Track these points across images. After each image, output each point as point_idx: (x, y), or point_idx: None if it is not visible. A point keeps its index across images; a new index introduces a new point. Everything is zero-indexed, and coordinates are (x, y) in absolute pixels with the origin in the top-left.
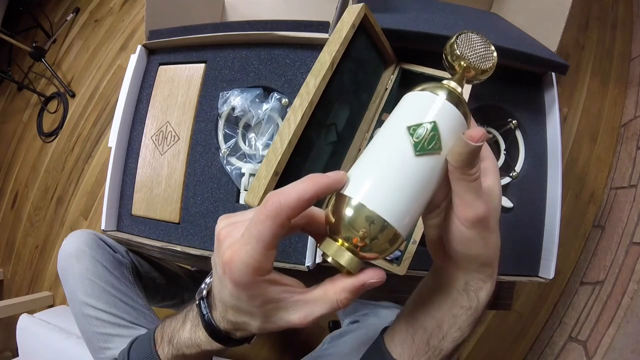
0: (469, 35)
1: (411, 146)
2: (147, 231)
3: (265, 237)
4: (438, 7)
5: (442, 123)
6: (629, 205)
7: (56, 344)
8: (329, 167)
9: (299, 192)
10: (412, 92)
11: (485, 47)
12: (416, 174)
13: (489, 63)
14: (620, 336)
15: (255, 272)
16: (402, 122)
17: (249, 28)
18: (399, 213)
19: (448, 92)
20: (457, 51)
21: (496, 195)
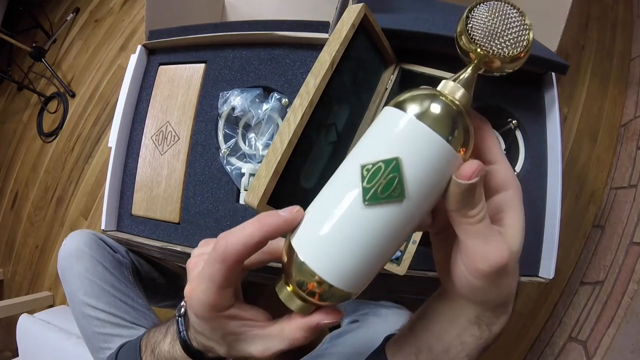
0: (492, 4)
1: (360, 193)
2: (147, 231)
3: (216, 279)
4: (438, 7)
5: (410, 159)
6: (629, 205)
7: (56, 344)
8: (329, 167)
9: (244, 238)
10: (386, 106)
11: (515, 21)
12: (368, 231)
13: (519, 46)
14: (620, 336)
15: (211, 309)
16: (358, 156)
17: (249, 28)
18: (347, 276)
19: (438, 106)
20: (472, 32)
21: (517, 235)
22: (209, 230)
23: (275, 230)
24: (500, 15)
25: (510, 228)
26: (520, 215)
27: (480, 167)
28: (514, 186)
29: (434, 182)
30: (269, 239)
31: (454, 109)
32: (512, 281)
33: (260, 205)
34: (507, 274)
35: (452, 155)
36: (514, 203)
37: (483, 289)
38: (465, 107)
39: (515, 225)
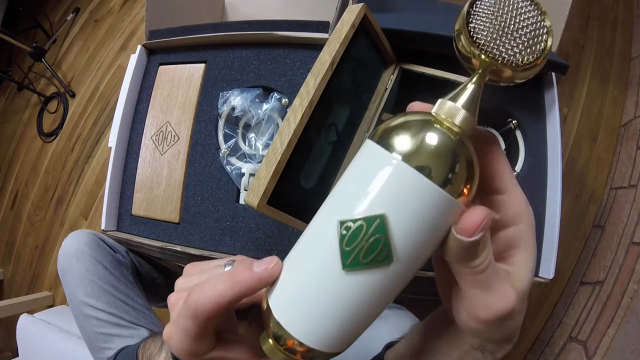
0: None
1: (339, 257)
2: (147, 231)
3: (189, 332)
4: (438, 6)
5: (398, 215)
6: (629, 205)
7: (56, 344)
8: (329, 167)
9: (215, 297)
10: (368, 140)
11: (531, 18)
12: (348, 299)
13: (535, 50)
14: (620, 336)
15: (189, 356)
16: (336, 207)
17: (249, 28)
18: (327, 340)
19: (432, 140)
20: (475, 33)
21: (526, 275)
22: (209, 230)
23: (249, 289)
24: (511, 10)
25: (519, 267)
26: (532, 252)
27: (486, 219)
28: (526, 219)
29: (428, 239)
30: (243, 297)
31: (452, 140)
32: (519, 319)
33: (260, 205)
34: (513, 317)
35: (451, 204)
36: (526, 239)
37: (485, 331)
38: (467, 133)
39: (525, 264)
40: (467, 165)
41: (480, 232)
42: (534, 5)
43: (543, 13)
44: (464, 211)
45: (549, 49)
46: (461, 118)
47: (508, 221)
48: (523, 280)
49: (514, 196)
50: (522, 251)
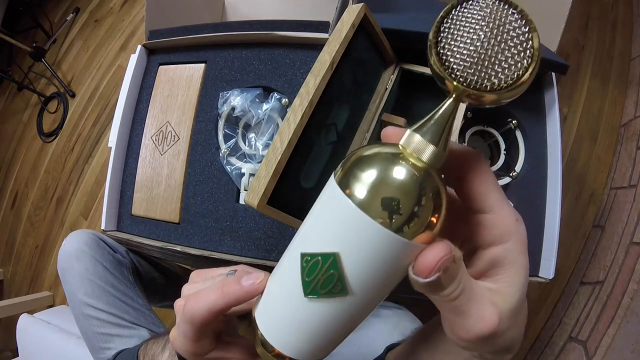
0: (479, 2)
1: (301, 284)
2: (147, 231)
3: (188, 335)
4: (438, 7)
5: (350, 255)
6: (629, 205)
7: (56, 344)
8: (329, 167)
9: (208, 305)
10: (332, 176)
11: (514, 30)
12: (314, 321)
13: (519, 68)
14: (620, 336)
15: (191, 356)
16: (302, 238)
17: (249, 28)
18: (305, 352)
19: (391, 182)
20: (446, 56)
21: (513, 295)
22: (209, 230)
23: (237, 300)
24: (491, 23)
25: (506, 285)
26: (521, 270)
27: (444, 259)
28: (514, 237)
29: (384, 277)
30: (233, 306)
31: (415, 178)
32: (510, 334)
33: (260, 205)
34: (498, 336)
35: (405, 247)
36: (514, 257)
37: (472, 348)
38: (435, 167)
39: (512, 282)
40: (431, 201)
41: (436, 273)
42: (519, 14)
43: (528, 21)
44: (423, 249)
45: (536, 61)
46: (428, 155)
47: (493, 240)
48: (510, 298)
49: (500, 215)
50: (509, 269)
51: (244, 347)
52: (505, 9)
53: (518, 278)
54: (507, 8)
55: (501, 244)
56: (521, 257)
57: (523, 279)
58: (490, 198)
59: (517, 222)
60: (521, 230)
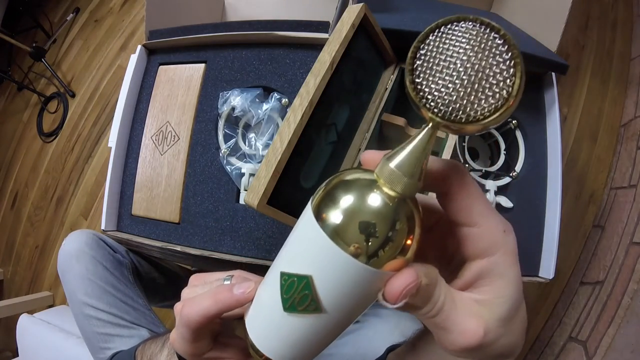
0: (461, 28)
1: (280, 300)
2: (147, 231)
3: (185, 337)
4: (438, 7)
5: (322, 280)
6: (629, 205)
7: (56, 344)
8: (329, 167)
9: (202, 310)
10: (310, 202)
11: (496, 59)
12: (294, 333)
13: (500, 97)
14: (620, 336)
15: (190, 356)
16: (283, 256)
17: (249, 28)
18: (291, 358)
19: (362, 212)
20: (422, 88)
21: (501, 305)
22: (209, 230)
23: (229, 307)
24: (469, 51)
25: (493, 297)
26: (510, 282)
27: (409, 287)
28: (501, 250)
29: (356, 300)
30: (225, 312)
31: (387, 209)
32: (503, 342)
33: (260, 205)
34: (490, 345)
35: (374, 275)
36: (501, 270)
37: (463, 356)
38: (410, 196)
39: (499, 294)
40: (402, 231)
41: (403, 299)
42: (501, 39)
43: (512, 46)
44: (392, 276)
45: (518, 88)
46: (401, 187)
47: (479, 253)
48: (498, 309)
49: (486, 229)
50: (496, 282)
51: (239, 348)
52: (487, 34)
53: (506, 290)
54: (489, 32)
55: (487, 257)
56: (509, 270)
57: (512, 291)
58: (474, 212)
59: (504, 234)
60: (509, 241)
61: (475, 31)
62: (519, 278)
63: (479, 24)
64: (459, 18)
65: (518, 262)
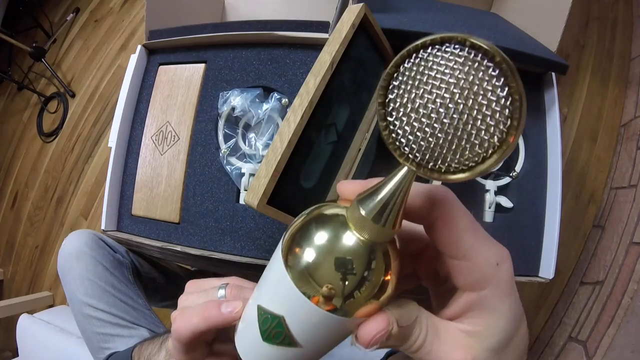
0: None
1: (258, 330)
2: (147, 231)
3: (178, 349)
4: (438, 7)
5: (293, 322)
6: (629, 205)
7: (56, 344)
8: (329, 167)
9: (192, 327)
10: (283, 236)
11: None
12: (274, 358)
13: (489, 145)
14: (620, 336)
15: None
16: (258, 290)
17: (249, 28)
18: None
19: (330, 260)
20: (396, 130)
21: (491, 335)
22: (209, 230)
23: (217, 325)
24: (454, 84)
25: (483, 329)
26: (500, 316)
27: (380, 334)
28: (493, 284)
29: (329, 339)
30: (214, 329)
31: (357, 254)
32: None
33: (260, 205)
34: None
35: (345, 322)
36: (492, 304)
37: None
38: (382, 242)
39: (490, 326)
40: (375, 275)
41: (374, 345)
42: (497, 69)
43: (509, 77)
44: (364, 321)
45: (515, 133)
46: (370, 234)
47: (468, 286)
48: (488, 339)
49: (475, 262)
50: (487, 315)
51: (234, 357)
52: (477, 62)
53: (497, 322)
54: (481, 59)
55: (477, 290)
56: (501, 303)
57: (504, 323)
58: (462, 245)
59: (497, 267)
60: (503, 274)
61: (462, 58)
62: (513, 309)
63: (467, 48)
64: (443, 39)
65: (513, 291)
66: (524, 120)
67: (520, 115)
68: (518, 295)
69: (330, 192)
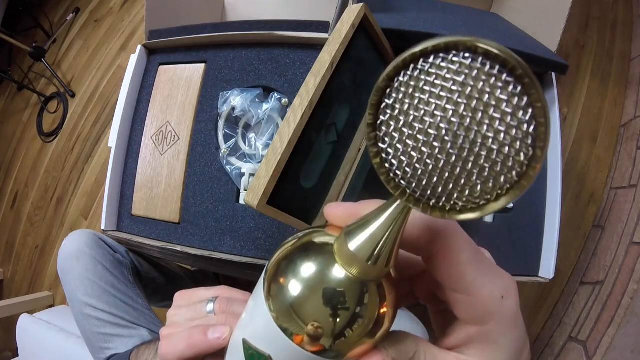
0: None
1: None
2: (147, 231)
3: None
4: (438, 7)
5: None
6: (629, 205)
7: (56, 344)
8: (329, 167)
9: (178, 352)
10: (263, 273)
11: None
12: None
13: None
14: (620, 336)
15: None
16: (242, 321)
17: (249, 28)
18: None
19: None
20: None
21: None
22: (209, 230)
23: (204, 351)
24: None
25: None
26: (501, 348)
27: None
28: (496, 319)
29: None
30: (201, 355)
31: (345, 292)
32: None
33: (260, 205)
34: None
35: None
36: (494, 337)
37: None
38: (372, 279)
39: (491, 358)
40: (367, 314)
41: None
42: (518, 83)
43: (533, 94)
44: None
45: (536, 165)
46: (358, 270)
47: (469, 320)
48: None
49: (478, 297)
50: (487, 349)
51: None
52: (492, 74)
53: (497, 355)
54: (498, 72)
55: (478, 325)
56: (504, 337)
57: (505, 356)
58: (464, 280)
59: (501, 301)
60: (508, 307)
61: (474, 70)
62: (515, 342)
63: (481, 57)
64: (448, 45)
65: (518, 323)
66: (548, 147)
67: (545, 143)
68: (524, 326)
69: (330, 192)
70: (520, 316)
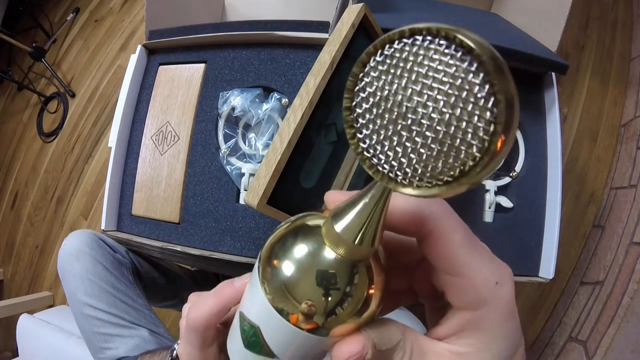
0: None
1: (240, 336)
2: (147, 231)
3: (194, 343)
4: (438, 7)
5: (269, 334)
6: (629, 205)
7: (56, 344)
8: (329, 167)
9: (206, 310)
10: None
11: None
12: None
13: (466, 155)
14: (620, 336)
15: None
16: (243, 296)
17: (249, 28)
18: None
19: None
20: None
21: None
22: (209, 230)
23: (232, 300)
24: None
25: (475, 352)
26: (495, 337)
27: (355, 357)
28: (490, 305)
29: (305, 354)
30: (228, 308)
31: (334, 272)
32: None
33: (260, 205)
34: None
35: (319, 341)
36: (488, 326)
37: None
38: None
39: (483, 349)
40: (354, 294)
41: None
42: (476, 62)
43: (489, 70)
44: (337, 341)
45: (498, 140)
46: (344, 250)
47: (463, 305)
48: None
49: (471, 281)
50: (481, 337)
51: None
52: (451, 53)
53: (491, 345)
54: (459, 54)
55: (472, 310)
56: (499, 326)
57: (499, 347)
58: (456, 261)
59: (496, 287)
60: (503, 295)
61: (437, 52)
62: (510, 334)
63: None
64: (407, 32)
65: (514, 315)
66: (513, 125)
67: (506, 119)
68: (519, 321)
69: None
70: (515, 308)
